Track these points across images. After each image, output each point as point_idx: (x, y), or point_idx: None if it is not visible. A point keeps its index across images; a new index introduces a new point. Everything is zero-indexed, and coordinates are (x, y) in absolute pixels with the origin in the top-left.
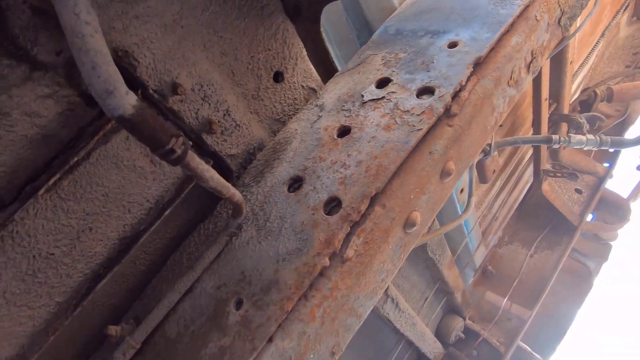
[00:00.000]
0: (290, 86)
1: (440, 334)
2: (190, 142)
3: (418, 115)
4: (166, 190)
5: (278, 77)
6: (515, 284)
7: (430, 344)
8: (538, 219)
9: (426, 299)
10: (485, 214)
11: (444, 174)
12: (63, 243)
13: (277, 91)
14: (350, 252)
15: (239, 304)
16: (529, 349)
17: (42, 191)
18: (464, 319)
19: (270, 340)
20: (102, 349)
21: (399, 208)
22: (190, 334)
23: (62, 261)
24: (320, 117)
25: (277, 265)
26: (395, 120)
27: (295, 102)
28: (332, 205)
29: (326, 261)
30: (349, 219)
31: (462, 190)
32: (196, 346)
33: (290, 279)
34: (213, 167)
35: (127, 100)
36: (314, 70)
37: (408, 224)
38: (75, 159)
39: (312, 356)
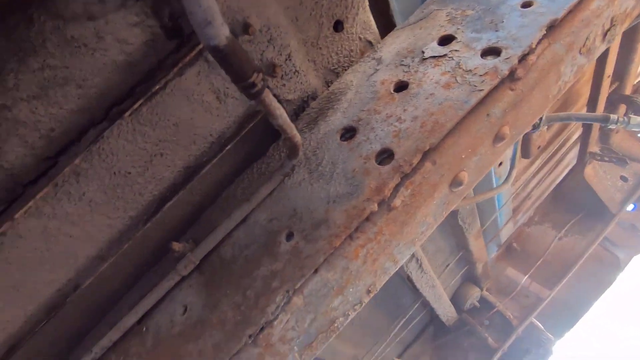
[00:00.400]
0: (348, 37)
1: (455, 300)
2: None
3: (481, 75)
4: (227, 127)
5: (338, 26)
6: (539, 263)
7: (445, 308)
8: (574, 202)
9: (448, 265)
10: (519, 192)
11: (498, 138)
12: (138, 164)
13: (336, 41)
14: (397, 202)
15: (289, 236)
16: (542, 326)
17: (128, 113)
18: (481, 289)
19: (316, 271)
20: (162, 262)
21: (448, 166)
22: (244, 257)
23: (136, 180)
24: (377, 70)
25: (328, 206)
26: (456, 79)
27: (351, 53)
28: (384, 156)
29: (375, 207)
30: (400, 170)
31: (500, 164)
32: (249, 268)
33: (339, 219)
34: None
35: (222, 32)
36: (373, 22)
37: (455, 182)
38: (156, 87)
39: (351, 290)
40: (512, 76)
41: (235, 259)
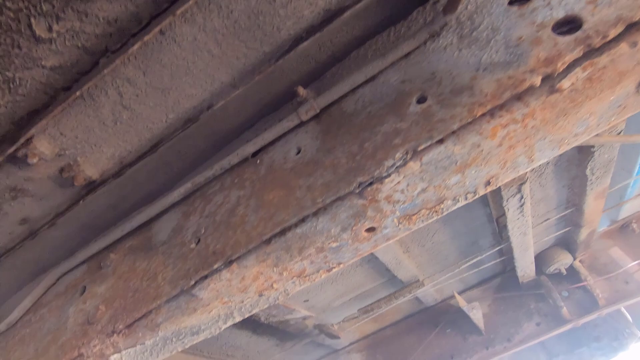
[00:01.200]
0: None
1: (539, 259)
2: None
3: None
4: None
5: None
6: None
7: (526, 262)
8: None
9: (547, 220)
10: None
11: None
12: None
13: None
14: (565, 83)
15: (421, 100)
16: (630, 319)
17: None
18: (575, 258)
19: (442, 140)
20: (282, 109)
21: None
22: (367, 113)
23: (278, 12)
24: None
25: (476, 73)
26: None
27: None
28: (565, 29)
29: (537, 80)
30: (586, 42)
31: None
32: (371, 123)
33: (487, 87)
34: None
35: None
36: None
37: None
38: None
39: (472, 172)
40: None
41: (357, 113)
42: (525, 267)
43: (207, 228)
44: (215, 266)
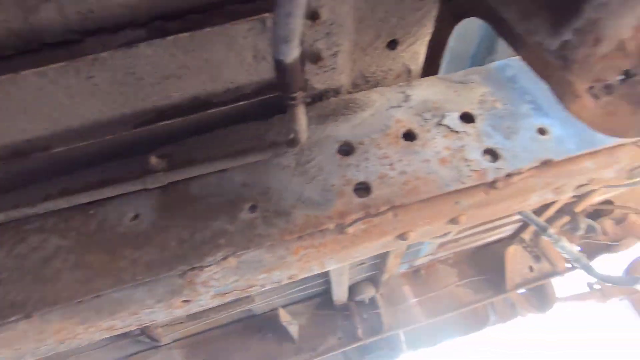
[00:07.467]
0: (395, 58)
1: (352, 289)
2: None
3: (471, 170)
4: (248, 84)
5: (392, 44)
6: (430, 295)
7: (340, 292)
8: (484, 264)
9: (362, 264)
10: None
11: (454, 221)
12: (154, 77)
13: (383, 56)
14: (350, 230)
15: (253, 209)
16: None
17: (170, 38)
18: (377, 291)
19: (256, 249)
20: (135, 159)
21: (404, 222)
22: (207, 203)
23: (144, 88)
24: (400, 107)
25: (296, 203)
26: (452, 161)
27: (389, 73)
28: (362, 187)
29: (332, 226)
30: (367, 210)
31: None
32: (207, 215)
33: (299, 219)
34: None
35: (294, 53)
36: (422, 57)
37: (401, 236)
38: (206, 26)
39: (277, 273)
40: (492, 184)
41: (199, 200)
42: (339, 294)
43: (11, 273)
44: (12, 319)
